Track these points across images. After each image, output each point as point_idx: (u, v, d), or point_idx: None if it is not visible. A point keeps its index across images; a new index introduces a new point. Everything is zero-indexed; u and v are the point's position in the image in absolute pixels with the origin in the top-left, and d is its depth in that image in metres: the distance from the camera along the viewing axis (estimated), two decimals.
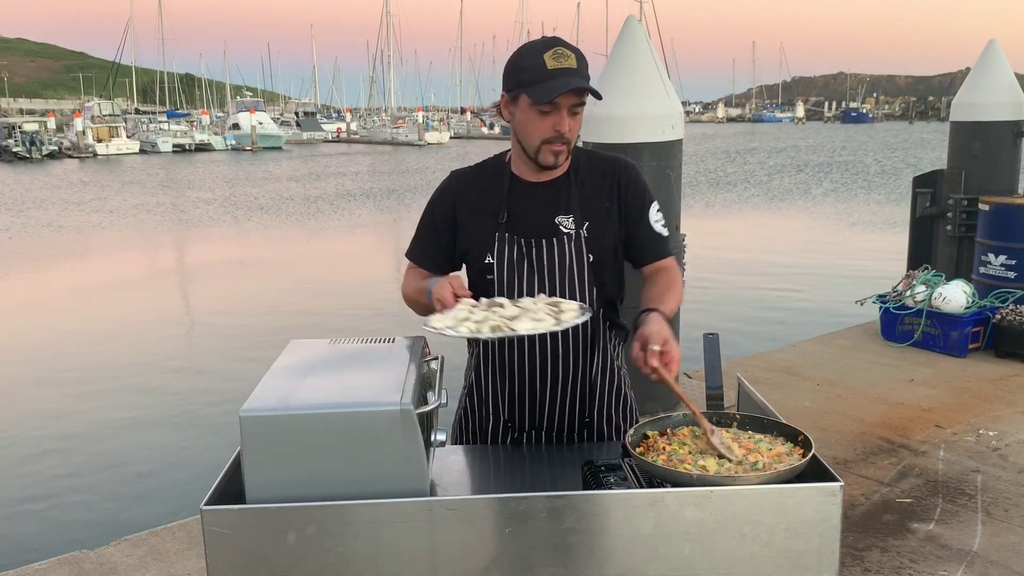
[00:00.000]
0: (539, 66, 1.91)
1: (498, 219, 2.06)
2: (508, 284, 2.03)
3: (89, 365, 9.50)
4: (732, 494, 1.52)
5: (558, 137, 1.96)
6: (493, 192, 2.09)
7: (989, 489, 3.93)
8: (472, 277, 2.12)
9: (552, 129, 1.95)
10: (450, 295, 1.87)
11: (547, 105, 1.92)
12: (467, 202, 2.11)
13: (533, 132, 1.98)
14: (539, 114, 1.94)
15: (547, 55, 1.91)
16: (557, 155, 1.99)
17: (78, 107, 77.17)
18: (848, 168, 37.61)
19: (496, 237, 2.05)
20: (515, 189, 2.08)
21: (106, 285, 14.23)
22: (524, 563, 1.52)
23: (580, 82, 1.91)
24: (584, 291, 2.04)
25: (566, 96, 1.91)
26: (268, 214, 24.07)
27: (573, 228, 2.04)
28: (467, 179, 2.16)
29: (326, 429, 1.49)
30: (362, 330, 10.22)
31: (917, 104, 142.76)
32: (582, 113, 1.99)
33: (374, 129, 76.40)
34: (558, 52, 1.91)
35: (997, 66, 7.20)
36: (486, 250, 2.06)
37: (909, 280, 6.31)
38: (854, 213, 21.76)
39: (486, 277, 2.06)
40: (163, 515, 4.62)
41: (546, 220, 2.05)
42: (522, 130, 2.01)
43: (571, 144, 2.01)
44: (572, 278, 2.03)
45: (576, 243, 2.03)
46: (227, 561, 1.49)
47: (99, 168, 45.44)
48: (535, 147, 1.99)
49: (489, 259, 2.05)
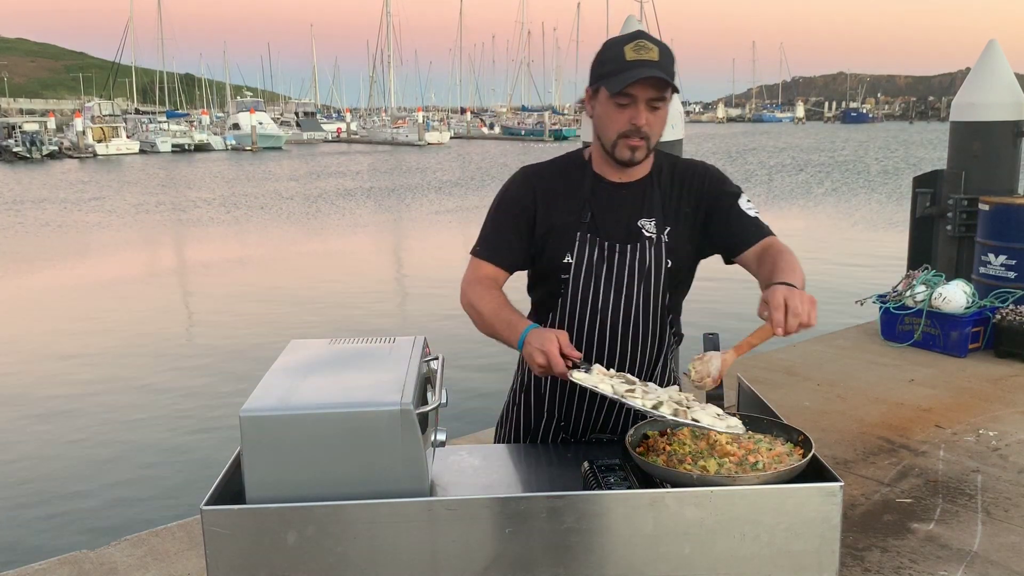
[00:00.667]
0: (619, 58, 1.87)
1: (581, 218, 2.00)
2: (584, 285, 1.99)
3: (89, 365, 9.49)
4: (732, 494, 1.52)
5: (635, 131, 1.90)
6: (575, 190, 2.03)
7: (989, 489, 3.92)
8: (543, 273, 2.07)
9: (629, 122, 1.89)
10: (558, 354, 1.78)
11: (624, 97, 1.87)
12: (548, 198, 2.03)
13: (610, 125, 1.92)
14: (616, 107, 1.89)
15: (628, 47, 1.87)
16: (634, 150, 1.93)
17: (78, 107, 77.24)
18: (848, 168, 37.62)
19: (577, 237, 1.99)
20: (598, 188, 2.03)
21: (105, 285, 14.23)
22: (524, 563, 1.52)
23: (655, 72, 1.84)
24: (657, 297, 2.01)
25: (643, 89, 1.86)
26: (268, 214, 24.07)
27: (655, 232, 1.99)
28: (545, 175, 2.08)
29: (326, 429, 1.49)
30: (362, 330, 10.22)
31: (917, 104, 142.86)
32: (665, 109, 1.93)
33: (374, 129, 76.42)
34: (639, 44, 1.86)
35: (997, 66, 7.19)
36: (565, 249, 2.00)
37: (909, 280, 6.31)
38: (854, 213, 21.76)
39: (561, 276, 2.01)
40: (163, 515, 4.62)
41: (629, 222, 2.00)
42: (600, 124, 1.96)
43: (650, 140, 1.94)
44: (648, 283, 1.99)
45: (656, 248, 1.99)
46: (227, 561, 1.49)
47: (99, 168, 45.44)
48: (612, 141, 1.93)
49: (568, 259, 2.00)
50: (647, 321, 2.02)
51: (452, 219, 22.91)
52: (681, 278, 2.05)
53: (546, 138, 71.67)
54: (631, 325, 2.01)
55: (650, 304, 2.01)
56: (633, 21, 4.84)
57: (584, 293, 1.99)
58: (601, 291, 1.99)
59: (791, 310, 1.64)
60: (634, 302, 2.00)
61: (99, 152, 53.97)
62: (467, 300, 2.04)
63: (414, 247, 19.23)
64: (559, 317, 2.04)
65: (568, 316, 2.02)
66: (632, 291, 1.99)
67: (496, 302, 1.98)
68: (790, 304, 1.65)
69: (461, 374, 7.94)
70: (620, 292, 1.99)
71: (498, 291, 2.03)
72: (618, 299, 2.00)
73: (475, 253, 2.09)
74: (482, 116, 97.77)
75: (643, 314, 2.02)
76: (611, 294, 1.99)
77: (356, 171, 41.07)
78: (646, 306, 2.01)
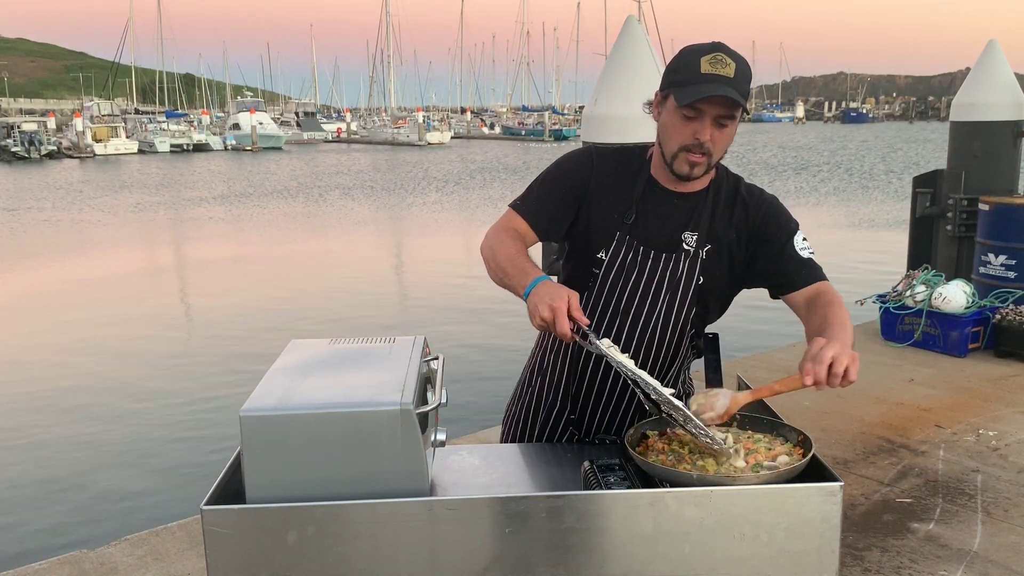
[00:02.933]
0: (693, 68, 1.82)
1: (624, 218, 1.97)
2: (612, 284, 1.97)
3: (88, 364, 9.49)
4: (732, 494, 1.52)
5: (697, 146, 1.85)
6: (628, 187, 1.99)
7: (989, 489, 3.93)
8: (575, 261, 2.04)
9: (692, 136, 1.84)
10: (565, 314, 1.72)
11: (691, 110, 1.82)
12: (602, 186, 1.99)
13: (673, 136, 1.88)
14: (683, 119, 1.84)
15: (705, 59, 1.81)
16: (693, 166, 1.88)
17: (78, 107, 77.22)
18: (848, 168, 37.63)
19: (616, 236, 1.97)
20: (649, 192, 1.99)
21: (104, 285, 14.23)
22: (524, 563, 1.52)
23: (726, 90, 1.79)
24: (683, 310, 1.98)
25: (712, 105, 1.81)
26: (268, 213, 24.07)
27: (694, 246, 1.96)
28: (608, 162, 2.03)
29: (326, 429, 1.49)
30: (362, 330, 10.22)
31: (917, 104, 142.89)
32: (732, 127, 1.87)
33: (374, 129, 76.43)
34: (717, 57, 1.81)
35: (997, 66, 7.20)
36: (601, 245, 1.97)
37: (909, 280, 6.31)
38: (854, 213, 21.76)
39: (592, 270, 1.99)
40: (163, 515, 4.62)
41: (672, 233, 1.97)
42: (663, 132, 1.92)
43: (712, 157, 1.88)
44: (674, 294, 1.97)
45: (691, 262, 1.95)
46: (227, 561, 1.49)
47: (97, 168, 45.44)
48: (673, 152, 1.89)
49: (602, 255, 1.97)
50: (665, 331, 2.00)
51: (453, 219, 22.92)
52: (712, 298, 2.01)
53: (546, 138, 71.68)
54: (648, 331, 1.99)
55: (672, 315, 1.98)
56: (632, 21, 4.85)
57: (611, 292, 1.98)
58: (627, 294, 1.97)
59: (833, 370, 1.63)
60: (657, 310, 1.98)
61: (98, 152, 53.96)
62: (487, 243, 1.99)
63: (415, 247, 19.23)
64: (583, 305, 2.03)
65: (590, 309, 2.01)
66: (658, 299, 1.97)
67: (515, 249, 1.93)
68: (836, 362, 1.63)
69: (461, 374, 7.94)
70: (646, 299, 1.97)
71: (521, 243, 1.98)
72: (642, 305, 1.98)
73: (514, 206, 2.04)
74: (482, 116, 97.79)
75: (663, 323, 1.99)
76: (636, 298, 1.97)
77: (357, 171, 41.07)
78: (667, 316, 1.99)
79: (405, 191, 30.65)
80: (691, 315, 2.00)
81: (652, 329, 2.00)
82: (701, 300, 1.99)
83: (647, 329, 2.00)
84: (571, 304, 1.73)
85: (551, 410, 2.16)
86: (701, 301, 1.99)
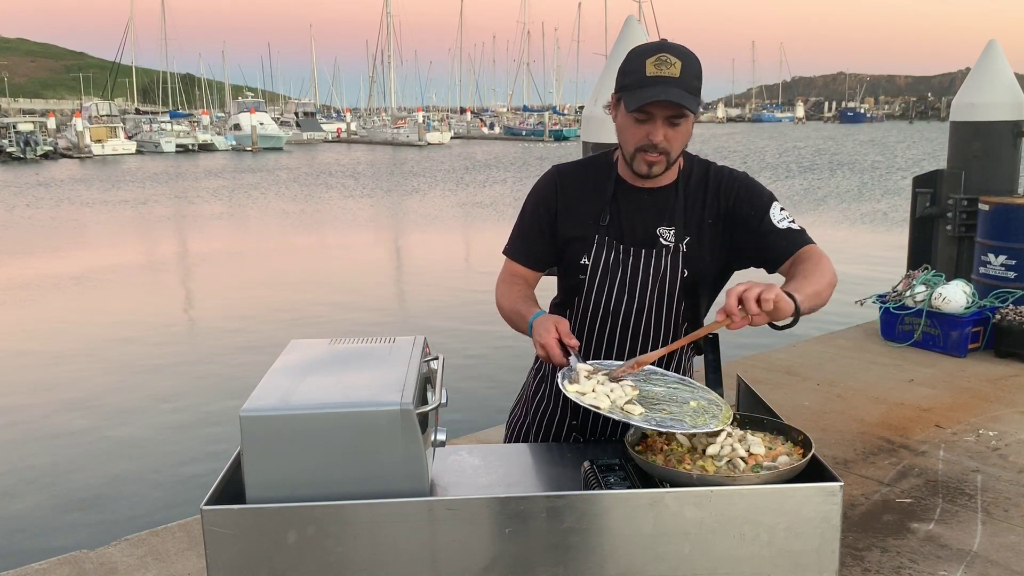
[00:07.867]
0: (639, 71, 1.84)
1: (600, 221, 2.01)
2: (599, 287, 2.01)
3: (87, 364, 9.49)
4: (732, 494, 1.52)
5: (652, 147, 1.88)
6: (597, 192, 2.03)
7: (989, 489, 3.93)
8: (565, 271, 2.09)
9: (646, 138, 1.88)
10: (555, 345, 1.82)
11: (641, 113, 1.85)
12: (570, 199, 2.04)
13: (629, 139, 1.92)
14: (635, 121, 1.88)
15: (650, 61, 1.83)
16: (651, 165, 1.91)
17: (78, 107, 77.21)
18: (848, 167, 37.61)
19: (595, 240, 2.00)
20: (620, 192, 2.02)
21: (104, 284, 14.22)
22: (524, 563, 1.52)
23: (669, 93, 1.81)
24: (672, 305, 2.01)
25: (660, 107, 1.83)
26: (268, 213, 24.07)
27: (673, 241, 1.98)
28: (572, 175, 2.09)
29: (326, 429, 1.49)
30: (362, 330, 10.22)
31: (917, 104, 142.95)
32: (685, 124, 1.89)
33: (374, 129, 76.43)
34: (661, 58, 1.83)
35: (997, 66, 7.20)
36: (583, 251, 2.01)
37: (909, 280, 6.31)
38: (854, 213, 21.76)
39: (578, 277, 2.03)
40: (163, 515, 4.62)
41: (647, 229, 2.00)
42: (620, 135, 1.96)
43: (671, 155, 1.91)
44: (663, 290, 1.99)
45: (673, 257, 1.98)
46: (227, 561, 1.48)
47: (95, 168, 45.39)
48: (630, 153, 1.93)
49: (584, 260, 2.01)
50: (659, 327, 2.03)
51: (453, 219, 22.92)
52: (701, 288, 2.03)
53: (546, 138, 71.72)
54: (642, 329, 2.03)
55: (663, 311, 2.01)
56: (633, 21, 4.85)
57: (599, 294, 2.01)
58: (615, 294, 2.00)
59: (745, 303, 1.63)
60: (647, 307, 2.01)
61: (95, 153, 53.83)
62: (496, 298, 2.11)
63: (415, 247, 19.24)
64: (576, 315, 2.08)
65: (583, 315, 2.06)
66: (646, 296, 2.00)
67: (512, 296, 2.05)
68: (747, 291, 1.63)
69: (461, 374, 7.94)
70: (633, 296, 2.00)
71: (519, 285, 2.08)
72: (631, 303, 2.01)
73: (505, 252, 2.15)
74: (482, 116, 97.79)
75: (655, 320, 2.02)
76: (624, 297, 2.00)
77: (357, 171, 41.08)
78: (659, 312, 2.02)
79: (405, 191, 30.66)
80: (682, 308, 2.02)
81: (645, 326, 2.03)
82: (690, 293, 2.02)
83: (639, 327, 2.03)
84: (560, 332, 1.84)
85: (554, 416, 2.18)
86: (690, 294, 2.02)
